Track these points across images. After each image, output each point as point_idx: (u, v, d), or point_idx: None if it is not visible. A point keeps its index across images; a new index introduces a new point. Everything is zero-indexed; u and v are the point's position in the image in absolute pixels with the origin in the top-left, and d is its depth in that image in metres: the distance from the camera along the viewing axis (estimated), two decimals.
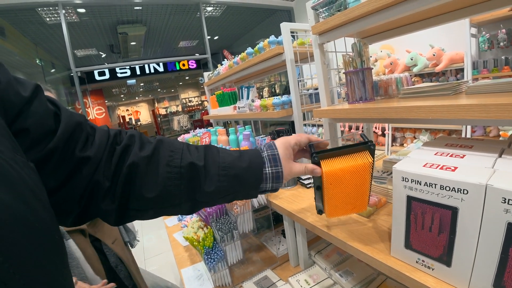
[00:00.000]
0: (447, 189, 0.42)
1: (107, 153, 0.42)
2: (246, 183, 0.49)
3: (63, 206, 0.37)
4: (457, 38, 2.69)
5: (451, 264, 0.45)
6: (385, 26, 0.86)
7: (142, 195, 0.43)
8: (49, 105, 0.36)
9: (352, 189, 0.61)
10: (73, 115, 0.39)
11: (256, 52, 1.28)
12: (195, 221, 1.29)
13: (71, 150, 0.37)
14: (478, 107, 0.46)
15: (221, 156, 0.48)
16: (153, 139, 0.47)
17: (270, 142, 0.54)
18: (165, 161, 0.44)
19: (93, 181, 0.39)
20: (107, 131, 0.44)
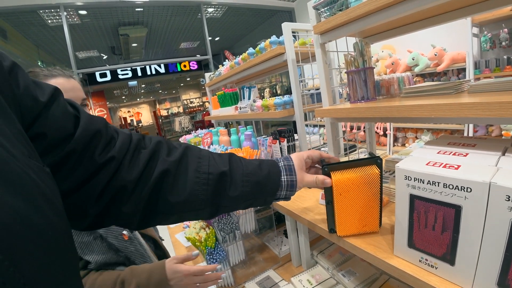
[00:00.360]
0: (451, 187, 0.42)
1: (131, 157, 0.42)
2: (265, 190, 0.54)
3: (79, 208, 0.37)
4: (458, 38, 2.69)
5: (454, 263, 0.45)
6: (386, 25, 0.86)
7: (169, 200, 0.44)
8: (69, 108, 0.37)
9: (361, 203, 0.61)
10: (93, 119, 0.40)
11: (257, 52, 1.28)
12: (197, 222, 1.29)
13: (90, 153, 0.37)
14: (481, 105, 0.46)
15: (243, 164, 0.52)
16: (178, 144, 0.50)
17: (286, 155, 0.60)
18: (194, 166, 0.47)
19: (115, 184, 0.40)
20: (130, 135, 0.45)
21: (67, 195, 0.35)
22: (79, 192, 0.36)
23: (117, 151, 0.40)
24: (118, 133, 0.44)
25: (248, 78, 1.99)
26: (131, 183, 0.41)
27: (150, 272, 0.74)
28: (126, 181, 0.40)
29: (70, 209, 0.35)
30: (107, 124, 0.43)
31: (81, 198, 0.37)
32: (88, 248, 0.73)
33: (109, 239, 0.76)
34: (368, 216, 0.63)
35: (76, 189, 0.36)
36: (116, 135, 0.43)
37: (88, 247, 0.72)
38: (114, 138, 0.42)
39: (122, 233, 0.79)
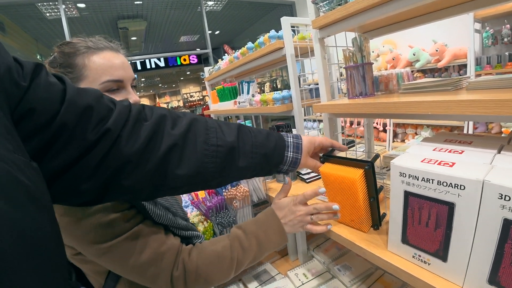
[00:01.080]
0: (444, 185, 0.42)
1: (131, 129, 0.40)
2: (271, 162, 0.54)
3: (73, 184, 0.36)
4: (460, 34, 2.66)
5: (447, 259, 0.45)
6: (386, 20, 0.85)
7: (177, 173, 0.43)
8: (53, 83, 0.34)
9: (343, 199, 0.64)
10: (81, 93, 0.36)
11: (256, 46, 1.27)
12: (195, 215, 1.30)
13: (81, 129, 0.35)
14: (478, 103, 0.46)
15: (253, 135, 0.52)
16: (183, 114, 0.47)
17: (297, 134, 0.60)
18: (202, 138, 0.46)
19: (113, 158, 0.37)
20: (128, 106, 0.42)
21: (59, 173, 0.34)
22: (72, 170, 0.35)
23: (113, 123, 0.37)
24: (115, 104, 0.41)
25: (247, 73, 1.97)
26: (134, 156, 0.39)
27: (262, 222, 0.63)
28: (126, 155, 0.38)
29: (64, 186, 0.35)
30: (100, 96, 0.39)
31: (75, 175, 0.35)
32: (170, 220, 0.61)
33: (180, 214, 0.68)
34: (352, 213, 0.64)
35: (68, 167, 0.34)
36: (113, 106, 0.40)
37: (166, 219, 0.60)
38: (111, 110, 0.39)
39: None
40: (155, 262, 0.53)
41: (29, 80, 0.31)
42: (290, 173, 1.10)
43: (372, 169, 0.58)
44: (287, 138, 0.58)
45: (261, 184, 1.05)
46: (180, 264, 0.55)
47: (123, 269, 0.53)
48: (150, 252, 0.53)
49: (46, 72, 0.34)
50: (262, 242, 0.61)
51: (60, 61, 0.57)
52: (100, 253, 0.50)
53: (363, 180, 0.58)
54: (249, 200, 1.03)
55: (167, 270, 0.54)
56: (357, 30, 0.95)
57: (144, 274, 0.53)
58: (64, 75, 0.38)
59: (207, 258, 0.58)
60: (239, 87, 1.65)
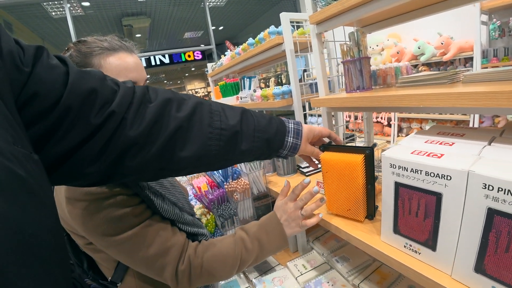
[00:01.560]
0: (432, 175, 0.43)
1: (136, 111, 0.39)
2: (272, 147, 0.55)
3: (78, 167, 0.36)
4: (466, 26, 2.62)
5: (436, 248, 0.46)
6: (386, 13, 0.85)
7: (181, 155, 0.43)
8: (56, 66, 0.33)
9: (341, 187, 0.65)
10: (85, 76, 0.36)
11: (257, 42, 1.28)
12: (198, 208, 1.33)
13: (85, 114, 0.34)
14: (468, 95, 0.47)
15: (256, 120, 0.53)
16: (187, 96, 0.48)
17: (298, 120, 0.61)
18: (207, 121, 0.46)
19: (119, 141, 0.37)
20: (132, 88, 0.41)
21: (64, 157, 0.34)
22: (77, 154, 0.34)
23: (117, 105, 0.37)
24: (119, 86, 0.40)
25: (250, 68, 1.98)
26: (139, 139, 0.39)
27: (264, 224, 0.65)
28: (131, 137, 0.38)
29: (69, 169, 0.35)
30: (104, 78, 0.39)
31: (80, 158, 0.35)
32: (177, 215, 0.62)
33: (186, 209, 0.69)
34: (352, 202, 0.65)
35: (73, 151, 0.34)
36: (117, 87, 0.39)
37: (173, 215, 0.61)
38: (115, 92, 0.38)
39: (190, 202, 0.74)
40: (161, 255, 0.55)
41: (31, 65, 0.30)
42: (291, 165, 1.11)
43: (372, 155, 0.60)
44: (288, 124, 0.58)
45: (261, 177, 1.07)
46: (186, 259, 0.58)
47: (132, 261, 0.55)
48: (157, 246, 0.55)
49: (48, 55, 0.33)
50: (264, 244, 0.63)
51: (76, 60, 0.59)
52: (110, 245, 0.53)
53: (363, 165, 0.60)
54: (249, 192, 1.05)
55: (173, 264, 0.56)
56: (356, 24, 0.96)
57: (151, 266, 0.55)
58: (66, 57, 0.37)
59: (212, 256, 0.60)
60: (241, 82, 1.66)
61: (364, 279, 0.83)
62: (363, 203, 0.64)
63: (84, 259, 0.64)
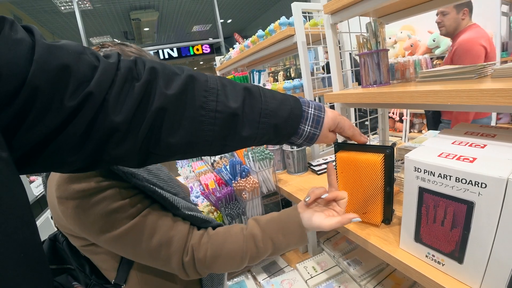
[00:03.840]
0: (463, 182, 0.39)
1: (119, 91, 0.34)
2: (281, 133, 0.47)
3: (57, 157, 0.32)
4: (486, 17, 2.48)
5: (463, 261, 0.42)
6: (403, 3, 0.79)
7: (169, 141, 0.38)
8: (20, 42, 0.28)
9: (361, 188, 0.61)
10: (55, 50, 0.30)
11: (267, 34, 1.23)
12: (205, 206, 1.30)
13: (58, 95, 0.29)
14: (505, 92, 0.42)
15: (263, 100, 0.44)
16: (180, 69, 0.40)
17: (321, 104, 0.51)
18: (199, 102, 0.39)
19: (99, 126, 0.33)
20: (115, 63, 0.35)
21: (40, 145, 0.30)
22: (55, 141, 0.30)
23: (96, 85, 0.32)
24: (99, 60, 0.34)
25: (259, 61, 1.94)
26: (122, 124, 0.34)
27: (284, 223, 0.58)
28: (114, 122, 0.33)
29: (49, 158, 0.31)
30: (81, 53, 0.33)
31: (59, 147, 0.31)
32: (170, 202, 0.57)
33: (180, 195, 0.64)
34: (368, 204, 0.61)
35: (49, 138, 0.30)
36: (98, 63, 0.34)
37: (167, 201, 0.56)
38: (95, 68, 0.33)
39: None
40: (165, 245, 0.53)
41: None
42: (301, 163, 1.07)
43: (392, 154, 0.55)
44: (306, 108, 0.48)
45: (271, 175, 1.03)
46: (190, 250, 0.55)
47: (136, 254, 0.53)
48: (160, 236, 0.52)
49: (11, 27, 0.28)
50: (279, 244, 0.58)
51: None
52: (112, 240, 0.50)
53: (383, 165, 0.55)
54: (258, 191, 1.02)
55: (178, 254, 0.53)
56: (372, 15, 0.90)
57: (157, 257, 0.53)
58: (34, 25, 0.31)
59: (217, 251, 0.56)
60: (250, 76, 1.62)
61: (377, 284, 0.80)
62: (381, 206, 0.60)
63: (85, 263, 0.62)
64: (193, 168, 1.83)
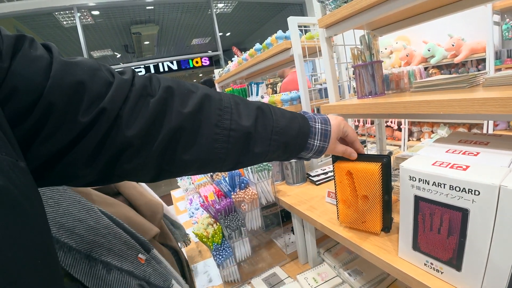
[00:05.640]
0: (457, 190, 0.39)
1: (133, 106, 0.34)
2: (290, 150, 0.49)
3: (69, 170, 0.32)
4: (478, 27, 2.55)
5: (461, 268, 0.42)
6: (396, 16, 0.82)
7: (183, 158, 0.39)
8: (38, 59, 0.29)
9: (356, 198, 0.62)
10: (72, 66, 0.31)
11: (264, 47, 1.26)
12: (205, 218, 1.30)
13: (72, 110, 0.30)
14: (495, 101, 0.43)
15: (274, 118, 0.46)
16: (195, 87, 0.41)
17: (325, 116, 0.54)
18: (214, 120, 0.40)
19: (112, 141, 0.33)
20: (130, 80, 0.36)
21: (52, 160, 0.30)
22: (67, 156, 0.31)
23: (109, 101, 0.32)
24: (115, 77, 0.35)
25: (257, 74, 1.97)
26: (136, 139, 0.34)
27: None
28: (127, 137, 0.34)
29: (61, 172, 0.32)
30: (96, 69, 0.34)
31: (71, 161, 0.31)
32: (107, 285, 0.48)
33: (125, 267, 0.53)
34: (367, 214, 0.61)
35: (62, 153, 0.30)
36: (113, 79, 0.34)
37: (106, 283, 0.48)
38: (110, 84, 0.34)
39: (138, 257, 0.58)
40: None
41: (9, 58, 0.27)
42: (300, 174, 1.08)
43: (389, 163, 0.56)
44: (314, 124, 0.51)
45: (269, 186, 1.04)
46: None
47: None
48: None
49: (30, 45, 0.30)
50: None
51: None
52: None
53: (380, 173, 0.57)
54: (257, 203, 1.02)
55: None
56: (366, 28, 0.93)
57: None
58: (53, 44, 0.32)
59: None
60: (249, 88, 1.64)
61: None
62: (380, 215, 0.60)
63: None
64: (192, 180, 1.83)
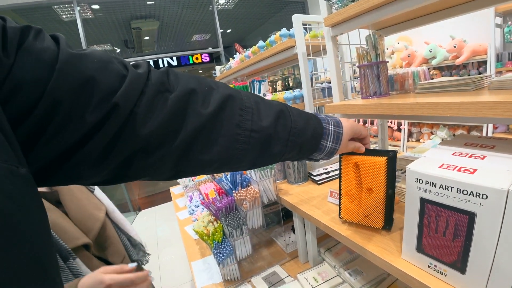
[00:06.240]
0: (465, 193, 0.39)
1: (149, 103, 0.32)
2: (304, 152, 0.49)
3: (81, 171, 0.30)
4: (480, 29, 2.55)
5: (465, 271, 0.43)
6: (402, 16, 0.82)
7: (202, 158, 0.37)
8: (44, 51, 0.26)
9: (360, 190, 0.62)
10: (81, 60, 0.28)
11: (267, 45, 1.26)
12: (205, 215, 1.30)
13: (80, 108, 0.28)
14: (504, 105, 0.43)
15: (293, 120, 0.45)
16: (216, 85, 0.40)
17: (338, 119, 0.54)
18: (236, 121, 0.39)
19: (126, 141, 0.31)
20: (145, 74, 0.33)
21: (58, 160, 0.28)
22: (75, 156, 0.29)
23: (122, 96, 0.30)
24: (128, 70, 0.32)
25: (259, 71, 1.96)
26: (151, 139, 0.32)
27: None
28: (142, 136, 0.31)
29: (67, 173, 0.30)
30: (108, 61, 0.31)
31: (78, 162, 0.29)
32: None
33: None
34: (371, 207, 0.62)
35: (68, 153, 0.28)
36: (126, 72, 0.32)
37: None
38: (123, 77, 0.31)
39: None
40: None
41: (14, 53, 0.25)
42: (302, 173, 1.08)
43: (395, 158, 0.58)
44: (327, 125, 0.51)
45: (271, 185, 1.04)
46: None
47: None
48: None
49: (36, 36, 0.27)
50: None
51: None
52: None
53: (386, 167, 0.57)
54: (259, 201, 1.02)
55: None
56: (371, 27, 0.92)
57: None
58: (61, 35, 0.30)
59: None
60: (250, 86, 1.64)
61: None
62: (383, 210, 0.60)
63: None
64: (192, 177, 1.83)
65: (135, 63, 0.35)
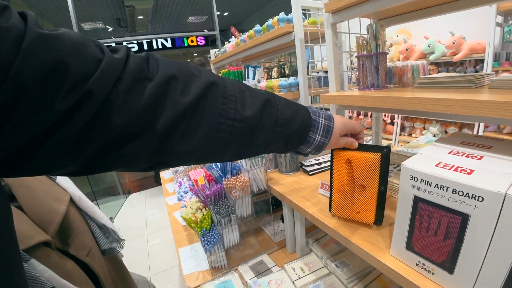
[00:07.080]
0: (460, 194, 0.38)
1: (126, 91, 0.30)
2: (291, 144, 0.47)
3: (52, 161, 0.28)
4: (480, 26, 2.53)
5: (453, 271, 0.42)
6: (405, 7, 0.79)
7: (182, 149, 0.35)
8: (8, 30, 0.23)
9: (352, 186, 0.61)
10: (49, 41, 0.25)
11: (264, 29, 1.21)
12: (194, 202, 1.28)
13: (49, 95, 0.25)
14: (506, 105, 0.41)
15: (279, 110, 0.43)
16: (198, 71, 0.37)
17: (330, 114, 0.52)
18: (218, 109, 0.37)
19: (98, 131, 0.29)
20: (123, 59, 0.31)
21: (27, 148, 0.26)
22: (44, 145, 0.27)
23: (96, 82, 0.27)
24: (105, 54, 0.30)
25: (255, 57, 1.91)
26: (127, 128, 0.30)
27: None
28: (118, 126, 0.30)
29: (37, 163, 0.28)
30: (83, 45, 0.28)
31: (48, 151, 0.27)
32: None
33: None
34: (363, 204, 0.61)
35: (36, 142, 0.26)
36: (102, 56, 0.29)
37: None
38: (99, 62, 0.28)
39: None
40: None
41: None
42: (293, 163, 1.06)
43: (389, 154, 0.56)
44: (317, 118, 0.49)
45: (262, 174, 1.02)
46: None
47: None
48: None
49: (1, 13, 0.24)
50: None
51: None
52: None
53: (379, 163, 0.57)
54: (249, 190, 1.01)
55: None
56: (373, 17, 0.89)
57: None
58: (31, 12, 0.27)
59: None
60: (245, 71, 1.59)
61: (364, 287, 0.80)
62: (374, 206, 0.60)
63: None
64: None
65: (113, 48, 0.32)
